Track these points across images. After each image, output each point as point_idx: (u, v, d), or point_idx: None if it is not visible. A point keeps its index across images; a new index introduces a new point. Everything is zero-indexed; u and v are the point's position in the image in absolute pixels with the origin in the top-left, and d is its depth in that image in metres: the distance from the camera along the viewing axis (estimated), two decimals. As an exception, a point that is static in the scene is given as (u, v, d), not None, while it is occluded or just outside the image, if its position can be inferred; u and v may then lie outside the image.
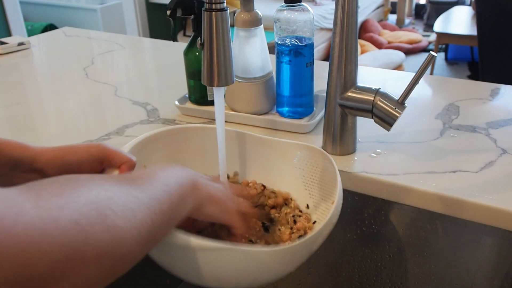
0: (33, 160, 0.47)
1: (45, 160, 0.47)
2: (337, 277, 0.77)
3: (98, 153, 0.48)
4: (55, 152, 0.47)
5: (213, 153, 0.61)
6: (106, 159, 0.49)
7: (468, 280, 0.65)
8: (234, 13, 0.78)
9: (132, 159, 0.49)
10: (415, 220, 0.65)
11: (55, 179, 0.32)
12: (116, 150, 0.49)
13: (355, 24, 0.63)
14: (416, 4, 5.02)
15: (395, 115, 0.62)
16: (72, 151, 0.48)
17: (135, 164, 0.50)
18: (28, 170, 0.47)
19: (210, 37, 0.53)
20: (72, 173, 0.46)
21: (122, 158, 0.49)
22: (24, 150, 0.47)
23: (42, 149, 0.47)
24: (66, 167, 0.47)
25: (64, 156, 0.48)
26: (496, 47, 2.12)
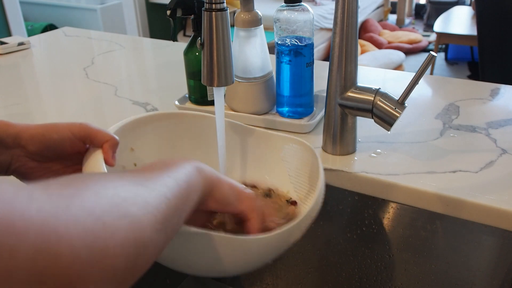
0: (16, 136, 0.48)
1: (28, 136, 0.48)
2: (337, 277, 0.77)
3: (80, 132, 0.49)
4: (37, 129, 0.48)
5: (203, 141, 0.62)
6: (88, 138, 0.49)
7: (468, 280, 0.65)
8: (234, 13, 0.78)
9: (114, 138, 0.50)
10: (415, 220, 0.65)
11: (62, 177, 0.32)
12: (99, 129, 0.50)
13: (355, 24, 0.63)
14: (416, 4, 5.02)
15: (395, 115, 0.62)
16: (54, 128, 0.49)
17: (117, 143, 0.50)
18: (11, 146, 0.48)
19: (210, 37, 0.53)
20: (53, 151, 0.49)
21: (105, 137, 0.49)
22: (7, 127, 0.48)
23: (24, 126, 0.48)
24: (47, 144, 0.48)
25: (46, 133, 0.48)
26: (496, 47, 2.12)
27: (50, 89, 1.03)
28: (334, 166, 0.67)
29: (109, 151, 0.49)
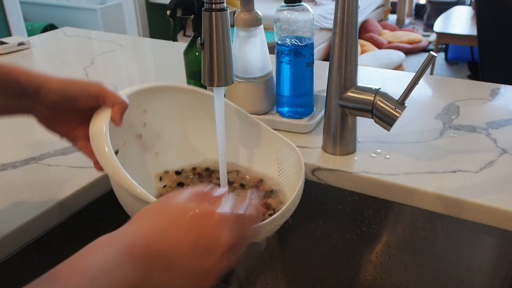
0: (37, 87, 0.51)
1: (47, 89, 0.51)
2: (337, 277, 0.77)
3: (95, 91, 0.52)
4: (56, 83, 0.51)
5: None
6: (102, 97, 0.53)
7: (468, 280, 0.65)
8: (234, 13, 0.78)
9: (125, 102, 0.53)
10: (415, 220, 0.65)
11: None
12: (112, 91, 0.53)
13: (355, 24, 0.63)
14: (416, 4, 5.02)
15: (395, 115, 0.62)
16: (72, 85, 0.52)
17: (126, 107, 0.54)
18: (32, 95, 0.51)
19: (210, 37, 0.53)
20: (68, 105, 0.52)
21: (116, 99, 0.53)
22: (30, 77, 0.51)
23: (45, 78, 0.51)
24: (64, 98, 0.51)
25: (63, 88, 0.51)
26: (496, 47, 2.12)
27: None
28: (334, 166, 0.67)
29: (117, 113, 0.53)
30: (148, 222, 0.39)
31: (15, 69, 0.50)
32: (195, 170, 0.70)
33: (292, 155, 0.63)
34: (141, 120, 0.64)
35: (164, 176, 0.68)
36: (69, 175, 0.68)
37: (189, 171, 0.70)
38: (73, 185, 0.65)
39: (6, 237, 0.56)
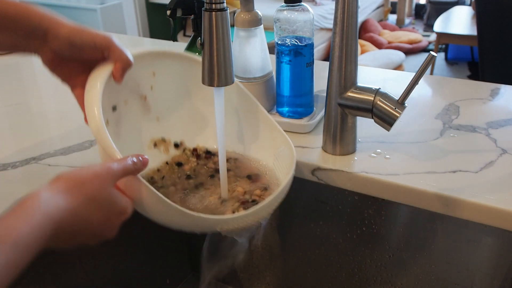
0: (46, 31, 0.51)
1: (54, 34, 0.51)
2: (337, 277, 0.77)
3: (102, 44, 0.53)
4: (64, 29, 0.51)
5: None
6: (107, 51, 0.53)
7: (468, 280, 0.65)
8: (234, 13, 0.78)
9: (129, 60, 0.53)
10: (415, 220, 0.65)
11: None
12: (120, 47, 0.53)
13: (355, 24, 0.63)
14: (416, 4, 5.02)
15: (395, 115, 0.62)
16: (80, 34, 0.52)
17: (130, 65, 0.54)
18: (40, 37, 0.51)
19: (210, 37, 0.53)
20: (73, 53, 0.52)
21: (121, 56, 0.53)
22: (41, 20, 0.51)
23: (54, 23, 0.51)
24: (69, 46, 0.52)
25: (70, 37, 0.51)
26: (496, 47, 2.12)
27: (51, 89, 1.02)
28: (334, 166, 0.67)
29: (119, 70, 0.53)
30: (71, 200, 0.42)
31: (28, 9, 0.51)
32: (195, 151, 0.70)
33: (288, 156, 0.63)
34: (148, 82, 0.64)
35: (160, 143, 0.67)
36: (69, 175, 0.68)
37: (188, 150, 0.70)
38: (73, 185, 0.65)
39: (6, 237, 0.56)
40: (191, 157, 0.69)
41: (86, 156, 0.73)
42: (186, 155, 0.70)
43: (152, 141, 0.67)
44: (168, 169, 0.67)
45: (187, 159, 0.69)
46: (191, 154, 0.70)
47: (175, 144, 0.69)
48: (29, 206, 0.39)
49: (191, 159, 0.69)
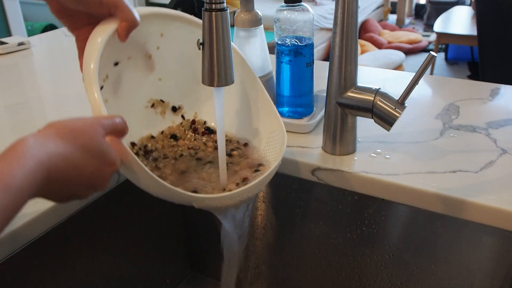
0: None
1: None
2: (337, 277, 0.77)
3: (109, 2, 0.52)
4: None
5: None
6: (114, 9, 0.52)
7: (468, 280, 0.65)
8: (234, 13, 0.78)
9: (136, 20, 0.53)
10: (415, 220, 0.65)
11: None
12: (127, 6, 0.53)
13: (355, 24, 0.63)
14: (416, 4, 5.03)
15: (395, 115, 0.62)
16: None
17: (136, 26, 0.53)
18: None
19: (210, 37, 0.53)
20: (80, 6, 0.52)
21: (128, 16, 0.53)
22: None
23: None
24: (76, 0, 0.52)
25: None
26: (496, 47, 2.12)
27: (51, 89, 1.02)
28: (334, 166, 0.67)
29: (124, 29, 0.53)
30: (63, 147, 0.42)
31: None
32: (193, 123, 0.69)
33: (280, 142, 0.63)
34: (155, 41, 0.63)
35: (158, 104, 0.67)
36: (69, 175, 0.68)
37: (186, 121, 0.69)
38: (73, 185, 0.65)
39: (6, 237, 0.56)
40: (188, 130, 0.68)
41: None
42: (184, 127, 0.68)
43: (150, 101, 0.66)
44: (163, 139, 0.66)
45: (184, 132, 0.68)
46: (189, 126, 0.68)
47: (173, 107, 0.68)
48: (19, 150, 0.38)
49: (188, 133, 0.68)
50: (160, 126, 0.67)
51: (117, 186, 0.71)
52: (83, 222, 0.67)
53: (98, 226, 0.70)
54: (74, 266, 0.68)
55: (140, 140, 0.65)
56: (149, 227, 0.81)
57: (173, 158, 0.65)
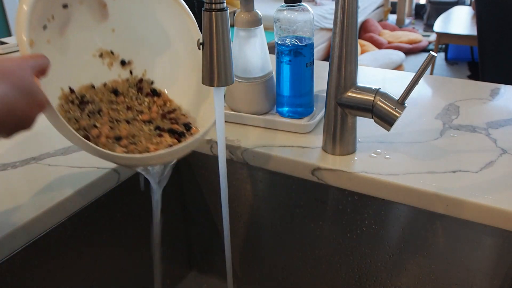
0: None
1: None
2: (337, 277, 0.77)
3: None
4: None
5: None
6: None
7: (468, 280, 0.65)
8: (234, 13, 0.78)
9: None
10: (415, 220, 0.65)
11: None
12: None
13: (355, 24, 0.63)
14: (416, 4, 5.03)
15: (395, 115, 0.62)
16: None
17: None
18: None
19: (210, 37, 0.53)
20: None
21: None
22: None
23: None
24: None
25: None
26: (496, 47, 2.12)
27: (50, 89, 1.02)
28: (334, 166, 0.67)
29: None
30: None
31: None
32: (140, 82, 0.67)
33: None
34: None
35: (106, 55, 0.65)
36: (69, 175, 0.68)
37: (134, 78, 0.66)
38: (73, 185, 0.65)
39: (6, 237, 0.56)
40: (133, 87, 0.66)
41: (86, 156, 0.73)
42: (129, 83, 0.66)
43: (99, 50, 0.64)
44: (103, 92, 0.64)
45: (126, 89, 0.65)
46: (134, 84, 0.66)
47: (122, 61, 0.66)
48: None
49: (131, 91, 0.65)
50: (104, 78, 0.64)
51: (117, 186, 0.71)
52: (83, 222, 0.67)
53: (98, 226, 0.70)
54: (74, 266, 0.68)
55: (80, 88, 0.62)
56: (149, 227, 0.81)
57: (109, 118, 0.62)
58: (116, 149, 0.56)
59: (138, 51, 0.66)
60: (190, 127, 0.63)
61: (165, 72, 0.67)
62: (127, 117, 0.62)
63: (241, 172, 0.77)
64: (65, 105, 0.59)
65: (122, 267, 0.77)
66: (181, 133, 0.62)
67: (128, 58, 0.66)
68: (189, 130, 0.62)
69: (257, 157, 0.73)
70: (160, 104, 0.65)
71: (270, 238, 0.82)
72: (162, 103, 0.66)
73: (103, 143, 0.57)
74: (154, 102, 0.66)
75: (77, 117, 0.58)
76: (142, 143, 0.59)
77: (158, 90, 0.67)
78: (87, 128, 0.58)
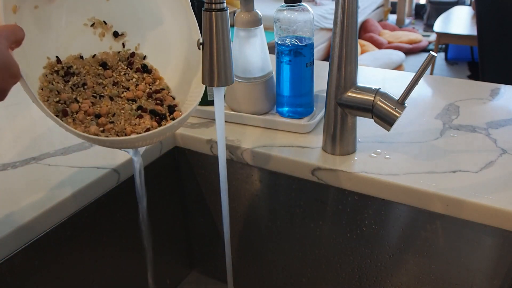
0: None
1: None
2: (337, 277, 0.77)
3: None
4: None
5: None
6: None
7: (468, 280, 0.65)
8: (234, 13, 0.78)
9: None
10: (415, 220, 0.65)
11: None
12: None
13: (355, 24, 0.63)
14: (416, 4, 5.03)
15: (395, 115, 0.62)
16: None
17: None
18: None
19: (210, 37, 0.53)
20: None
21: None
22: None
23: None
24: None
25: None
26: (496, 47, 2.12)
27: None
28: (334, 166, 0.67)
29: None
30: None
31: None
32: (132, 56, 0.64)
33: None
34: None
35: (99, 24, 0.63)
36: (69, 175, 0.68)
37: (125, 51, 0.64)
38: (73, 185, 0.65)
39: (6, 237, 0.56)
40: (123, 61, 0.64)
41: (86, 156, 0.73)
42: (119, 57, 0.64)
43: (91, 19, 0.62)
44: (91, 64, 0.62)
45: (116, 63, 0.63)
46: (125, 58, 0.64)
47: (115, 32, 0.64)
48: None
49: (120, 65, 0.63)
50: (94, 49, 0.63)
51: (117, 186, 0.71)
52: (83, 222, 0.67)
53: (98, 226, 0.70)
54: (74, 266, 0.68)
55: (68, 58, 0.61)
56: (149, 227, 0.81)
57: (93, 93, 0.60)
58: (92, 127, 0.55)
59: (132, 25, 0.64)
60: (173, 111, 0.60)
61: (158, 49, 0.65)
62: (111, 93, 0.60)
63: (241, 172, 0.77)
64: (49, 75, 0.57)
65: (122, 267, 0.77)
66: (163, 115, 0.60)
67: (122, 30, 0.64)
68: (172, 113, 0.60)
69: (257, 157, 0.73)
70: (149, 81, 0.63)
71: (270, 238, 0.82)
72: (151, 81, 0.63)
73: (80, 119, 0.55)
74: (143, 79, 0.63)
75: (60, 89, 0.57)
76: (120, 124, 0.57)
77: (149, 66, 0.64)
78: (67, 102, 0.56)
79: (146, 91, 0.62)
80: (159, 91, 0.63)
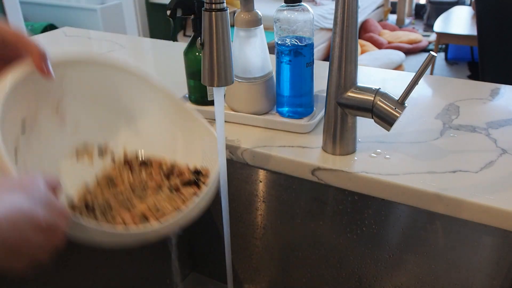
0: None
1: None
2: (337, 277, 0.77)
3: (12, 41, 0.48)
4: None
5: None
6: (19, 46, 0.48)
7: (468, 280, 0.65)
8: (234, 13, 0.78)
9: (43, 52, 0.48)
10: (415, 220, 0.65)
11: None
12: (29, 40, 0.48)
13: (355, 24, 0.63)
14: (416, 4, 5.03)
15: (395, 115, 0.62)
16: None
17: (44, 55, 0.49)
18: None
19: (210, 37, 0.53)
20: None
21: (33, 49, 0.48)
22: None
23: None
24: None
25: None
26: (496, 47, 2.12)
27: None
28: (334, 166, 0.67)
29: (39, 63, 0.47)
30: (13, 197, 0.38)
31: None
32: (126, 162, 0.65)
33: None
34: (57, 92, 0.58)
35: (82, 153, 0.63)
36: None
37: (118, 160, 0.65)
38: (73, 185, 0.65)
39: (6, 237, 0.56)
40: (123, 169, 0.64)
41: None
42: (118, 168, 0.64)
43: (73, 153, 0.62)
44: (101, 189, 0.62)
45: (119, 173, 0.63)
46: (122, 166, 0.64)
47: (99, 150, 0.64)
48: None
49: (124, 171, 0.64)
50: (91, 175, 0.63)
51: (117, 186, 0.71)
52: (83, 222, 0.67)
53: (98, 226, 0.70)
54: (74, 266, 0.68)
55: (78, 193, 0.60)
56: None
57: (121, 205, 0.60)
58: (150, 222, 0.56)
59: (107, 131, 0.65)
60: (199, 171, 0.63)
61: (143, 136, 0.67)
62: (137, 195, 0.61)
63: (241, 172, 0.77)
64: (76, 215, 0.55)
65: (122, 267, 0.77)
66: (193, 181, 0.62)
67: (102, 141, 0.64)
68: (199, 174, 0.63)
69: (257, 157, 0.73)
70: (157, 167, 0.65)
71: (270, 238, 0.81)
72: (158, 165, 0.65)
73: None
74: (151, 170, 0.65)
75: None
76: (169, 207, 0.59)
77: (146, 160, 0.66)
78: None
79: (162, 175, 0.64)
80: (171, 169, 0.65)
